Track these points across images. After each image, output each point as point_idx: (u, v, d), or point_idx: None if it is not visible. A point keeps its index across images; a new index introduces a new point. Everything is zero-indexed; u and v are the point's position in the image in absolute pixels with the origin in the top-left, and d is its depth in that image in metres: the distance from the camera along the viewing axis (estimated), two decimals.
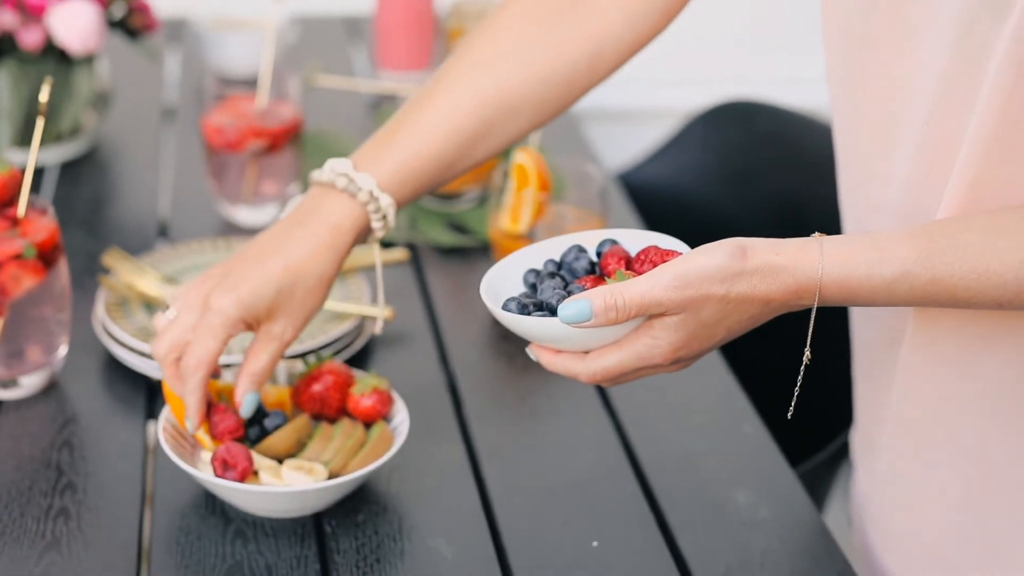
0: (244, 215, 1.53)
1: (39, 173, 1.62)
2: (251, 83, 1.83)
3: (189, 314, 1.06)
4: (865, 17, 0.99)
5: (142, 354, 1.23)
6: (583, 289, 0.95)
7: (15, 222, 1.18)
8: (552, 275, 0.99)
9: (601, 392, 1.26)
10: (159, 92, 1.89)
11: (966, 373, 1.02)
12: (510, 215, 1.39)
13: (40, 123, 1.18)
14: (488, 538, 1.07)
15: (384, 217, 1.09)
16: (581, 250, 1.00)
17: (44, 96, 1.18)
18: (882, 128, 1.01)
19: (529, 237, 1.38)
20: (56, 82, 1.59)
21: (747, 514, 1.11)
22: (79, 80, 1.60)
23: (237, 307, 1.05)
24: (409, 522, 1.08)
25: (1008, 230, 0.91)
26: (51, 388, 1.23)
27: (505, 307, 0.97)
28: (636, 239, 1.00)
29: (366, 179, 1.08)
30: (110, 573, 1.02)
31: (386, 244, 1.49)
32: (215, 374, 1.12)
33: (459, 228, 1.54)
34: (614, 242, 1.00)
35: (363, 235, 1.10)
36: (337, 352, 1.26)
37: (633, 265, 0.97)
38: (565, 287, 0.97)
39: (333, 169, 1.09)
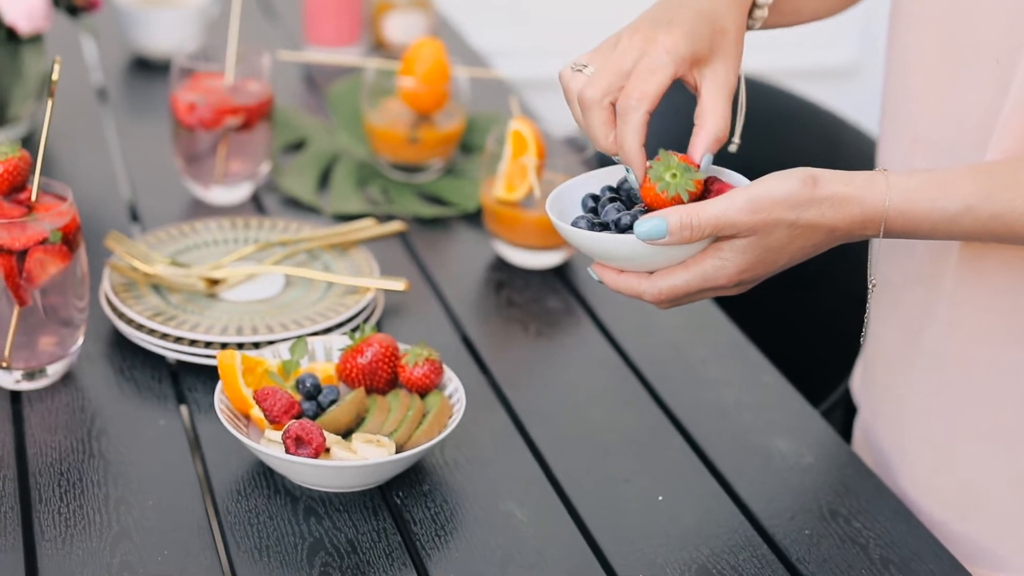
0: (215, 194, 1.50)
1: None
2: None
3: (626, 55, 0.98)
4: None
5: (163, 335, 1.20)
6: (646, 211, 0.97)
7: (30, 207, 1.14)
8: (613, 199, 1.01)
9: (620, 352, 1.28)
10: (85, 73, 1.83)
11: (1008, 308, 1.08)
12: (505, 183, 1.39)
13: (50, 103, 1.15)
14: (557, 499, 1.09)
15: None
16: None
17: (56, 75, 1.14)
18: (945, 66, 1.06)
19: (524, 205, 1.39)
20: (5, 64, 1.53)
21: (792, 460, 1.15)
22: (28, 61, 1.54)
23: (686, 40, 0.97)
24: (474, 488, 1.09)
25: None
26: (68, 377, 1.19)
27: (575, 224, 0.99)
28: None
29: None
30: (191, 559, 1.00)
31: (380, 219, 1.48)
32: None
33: (431, 199, 1.54)
34: None
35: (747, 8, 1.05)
36: (355, 329, 1.25)
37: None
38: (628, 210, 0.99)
39: None
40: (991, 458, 1.12)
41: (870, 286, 1.01)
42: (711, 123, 0.98)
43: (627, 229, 0.97)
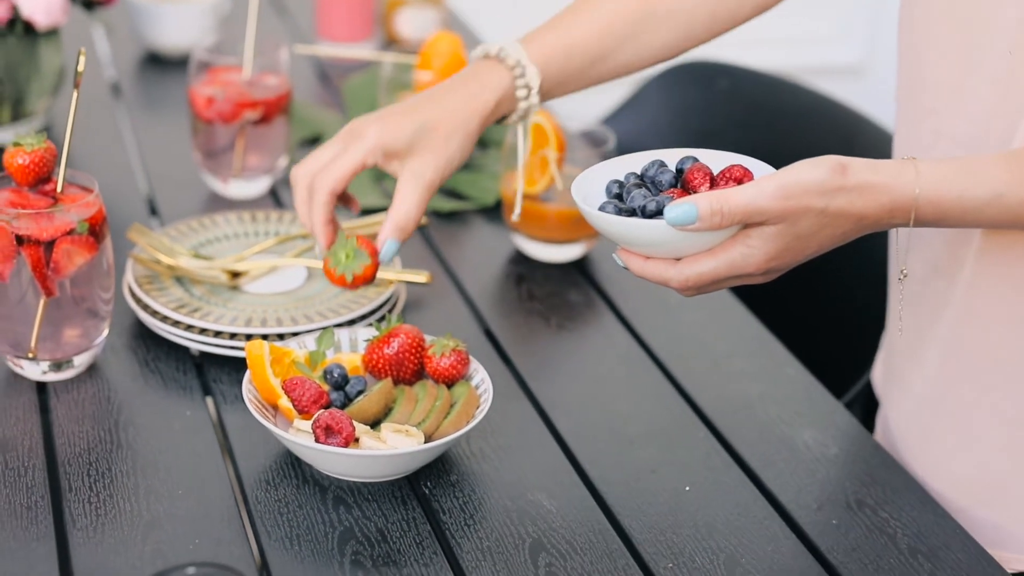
0: (233, 188, 1.50)
1: None
2: (184, 59, 1.80)
3: (334, 145, 1.12)
4: None
5: (188, 327, 1.20)
6: (672, 199, 0.97)
7: (55, 198, 1.14)
8: (638, 186, 1.01)
9: (642, 345, 1.28)
10: (98, 68, 1.83)
11: None
12: (526, 176, 1.39)
13: (75, 95, 1.15)
14: (584, 489, 1.09)
15: (528, 88, 1.15)
16: (663, 165, 1.02)
17: (81, 67, 1.15)
18: (960, 59, 1.06)
19: (544, 199, 1.40)
20: (22, 58, 1.53)
21: (818, 451, 1.15)
22: (45, 56, 1.54)
23: (380, 134, 1.10)
24: (502, 478, 1.09)
25: None
26: (93, 368, 1.19)
27: (602, 209, 0.98)
28: (715, 158, 1.03)
29: (517, 48, 1.15)
30: (222, 547, 1.00)
31: None
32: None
33: (449, 193, 1.54)
34: (695, 159, 1.02)
35: (507, 103, 1.15)
36: (380, 319, 1.25)
37: (717, 182, 0.99)
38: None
39: (491, 42, 1.17)
40: (1011, 443, 1.13)
41: (900, 276, 1.01)
42: (395, 211, 1.11)
43: (654, 215, 0.97)
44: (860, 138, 1.64)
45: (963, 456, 1.16)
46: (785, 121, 1.72)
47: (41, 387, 1.16)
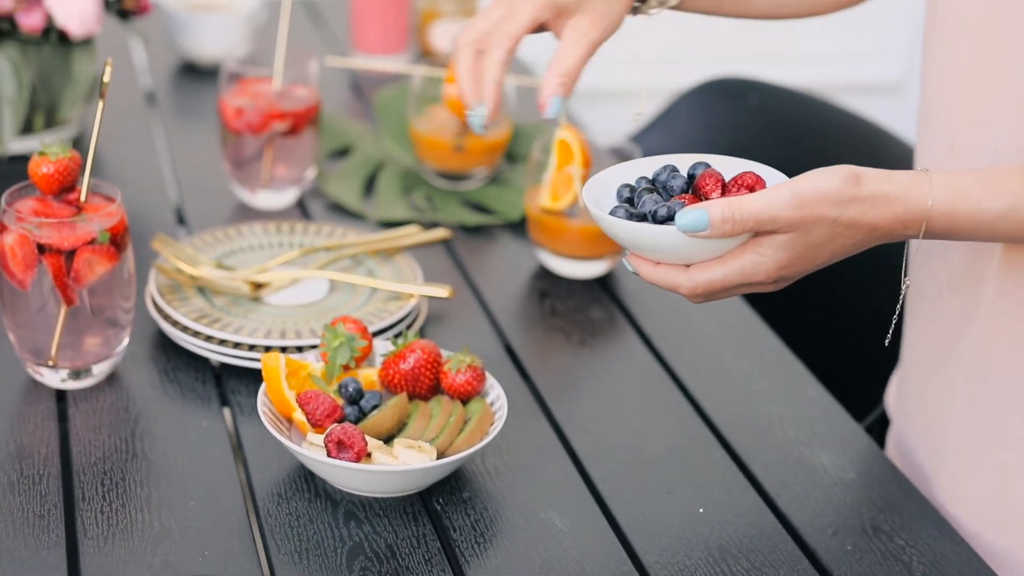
0: (261, 199, 1.50)
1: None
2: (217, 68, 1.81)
3: (498, 7, 1.10)
4: None
5: (208, 338, 1.21)
6: (683, 205, 0.96)
7: (79, 207, 1.15)
8: (649, 191, 1.00)
9: (663, 363, 1.28)
10: (134, 77, 1.84)
11: None
12: (550, 192, 1.39)
13: (101, 105, 1.16)
14: (597, 509, 1.08)
15: None
16: (675, 170, 1.01)
17: (107, 77, 1.15)
18: (979, 74, 1.05)
19: (569, 215, 1.39)
20: (56, 67, 1.54)
21: (835, 475, 1.14)
22: (79, 64, 1.56)
23: None
24: (514, 497, 1.09)
25: None
26: (113, 377, 1.20)
27: (612, 214, 0.98)
28: (727, 164, 1.02)
29: None
30: (232, 560, 1.00)
31: (424, 226, 1.48)
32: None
33: (476, 207, 1.54)
34: (707, 165, 1.01)
35: None
36: (398, 335, 1.25)
37: (729, 188, 0.98)
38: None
39: None
40: None
41: (904, 287, 1.00)
42: (559, 63, 1.08)
43: (664, 220, 0.96)
44: (888, 155, 1.63)
45: (979, 480, 1.14)
46: (814, 138, 1.71)
47: (60, 395, 1.17)
